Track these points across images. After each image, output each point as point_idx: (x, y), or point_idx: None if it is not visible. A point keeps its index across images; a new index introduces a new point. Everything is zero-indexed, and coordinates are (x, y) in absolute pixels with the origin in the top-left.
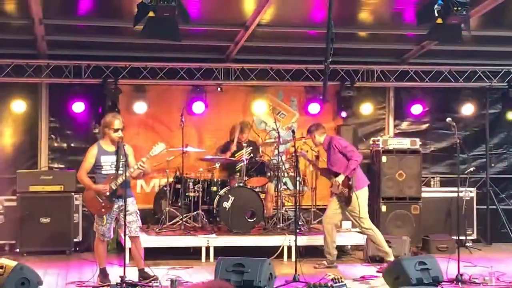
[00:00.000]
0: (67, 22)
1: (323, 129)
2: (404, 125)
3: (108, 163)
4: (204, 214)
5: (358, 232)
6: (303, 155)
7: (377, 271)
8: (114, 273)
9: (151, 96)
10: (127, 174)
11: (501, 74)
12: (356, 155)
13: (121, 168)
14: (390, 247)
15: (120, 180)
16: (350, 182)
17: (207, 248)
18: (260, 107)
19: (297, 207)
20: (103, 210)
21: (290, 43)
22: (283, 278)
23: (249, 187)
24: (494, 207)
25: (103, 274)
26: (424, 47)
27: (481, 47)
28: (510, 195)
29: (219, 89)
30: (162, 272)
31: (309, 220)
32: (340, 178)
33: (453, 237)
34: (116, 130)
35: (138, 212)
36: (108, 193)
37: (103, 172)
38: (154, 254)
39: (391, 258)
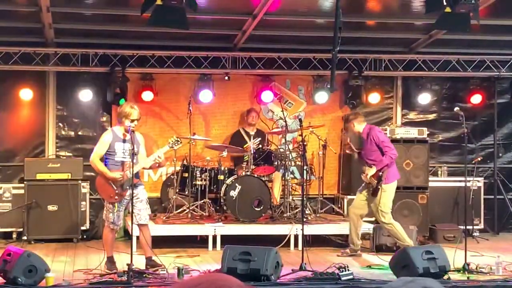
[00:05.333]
0: (74, 10)
1: (361, 118)
2: (412, 115)
3: (121, 150)
4: (211, 202)
5: (365, 221)
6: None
7: None
8: (122, 261)
9: (158, 85)
10: (142, 165)
11: (509, 63)
12: (392, 152)
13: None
14: None
15: (135, 169)
16: (381, 174)
17: (214, 237)
18: (267, 96)
19: (304, 196)
20: (116, 197)
21: (298, 32)
22: (289, 267)
23: (256, 176)
24: (502, 197)
25: (111, 262)
26: (432, 36)
27: (489, 36)
28: None
29: (226, 77)
30: (169, 260)
31: (316, 209)
32: (371, 172)
33: (460, 226)
34: (132, 121)
35: (147, 200)
36: (123, 181)
37: (116, 158)
38: (161, 243)
39: None
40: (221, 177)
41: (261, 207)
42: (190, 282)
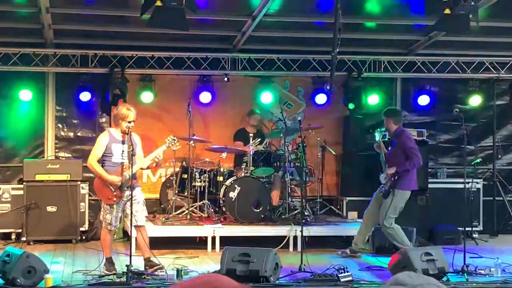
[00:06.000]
0: (74, 11)
1: (399, 118)
2: (411, 116)
3: (118, 151)
4: (210, 204)
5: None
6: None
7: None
8: (120, 262)
9: (158, 86)
10: (140, 165)
11: (508, 65)
12: (417, 160)
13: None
14: None
15: (133, 169)
16: (396, 178)
17: (213, 238)
18: (266, 97)
19: (304, 197)
20: (114, 199)
21: (297, 33)
22: (288, 268)
23: (255, 177)
24: (501, 198)
25: (109, 263)
26: (431, 38)
27: (489, 38)
28: None
29: (226, 79)
30: (168, 261)
31: (315, 211)
32: (391, 170)
33: (459, 228)
34: (129, 122)
35: (145, 201)
36: (121, 183)
37: (113, 160)
38: (160, 244)
39: None
40: (220, 178)
41: (260, 209)
42: (185, 284)
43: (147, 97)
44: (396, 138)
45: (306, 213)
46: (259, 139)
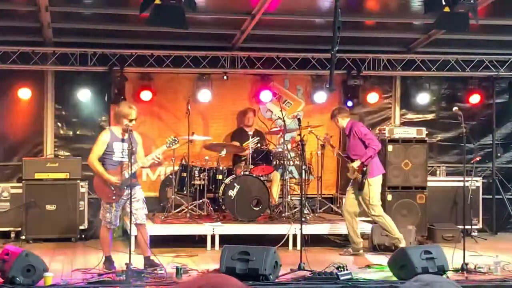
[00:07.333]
0: (73, 10)
1: (346, 113)
2: (411, 115)
3: (119, 149)
4: (210, 202)
5: (363, 220)
6: (327, 140)
7: None
8: (120, 261)
9: (157, 84)
10: (140, 164)
11: (508, 63)
12: (375, 144)
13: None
14: None
15: (133, 168)
16: (365, 169)
17: (213, 236)
18: (266, 96)
19: (303, 195)
20: (114, 197)
21: (296, 32)
22: (288, 267)
23: (254, 175)
24: (500, 196)
25: (109, 262)
26: (431, 36)
27: (488, 36)
28: None
29: (225, 77)
30: (167, 260)
31: (315, 209)
32: (356, 164)
33: (458, 226)
34: (131, 120)
35: (145, 199)
36: (120, 182)
37: (114, 158)
38: (160, 242)
39: (403, 244)
40: (220, 176)
41: (260, 207)
42: (191, 284)
43: (146, 95)
44: (350, 131)
45: (305, 211)
46: (257, 138)
